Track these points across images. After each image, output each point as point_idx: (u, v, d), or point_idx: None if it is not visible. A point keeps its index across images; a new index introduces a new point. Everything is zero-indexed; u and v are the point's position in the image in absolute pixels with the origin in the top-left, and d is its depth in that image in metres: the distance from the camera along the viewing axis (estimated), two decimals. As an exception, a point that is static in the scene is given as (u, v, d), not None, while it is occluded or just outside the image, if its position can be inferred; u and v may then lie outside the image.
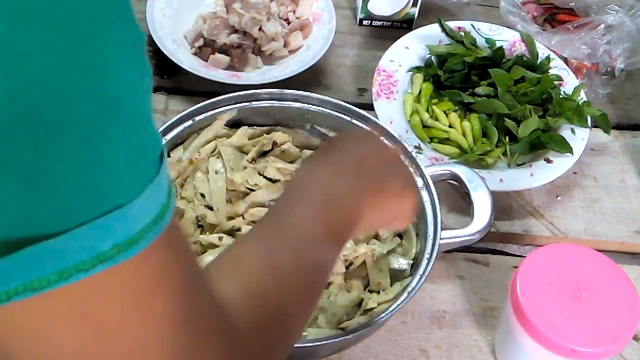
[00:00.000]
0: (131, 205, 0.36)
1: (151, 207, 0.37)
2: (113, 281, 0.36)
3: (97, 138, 0.34)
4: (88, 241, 0.35)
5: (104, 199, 0.35)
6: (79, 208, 0.35)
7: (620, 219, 1.00)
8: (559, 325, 0.73)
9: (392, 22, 1.19)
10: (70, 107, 0.33)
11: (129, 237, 0.36)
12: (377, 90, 1.02)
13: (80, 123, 0.33)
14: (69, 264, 0.35)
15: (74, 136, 0.33)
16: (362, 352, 0.84)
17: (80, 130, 0.33)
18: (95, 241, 0.35)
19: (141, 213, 0.37)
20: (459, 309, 0.89)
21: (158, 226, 0.38)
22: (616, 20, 1.10)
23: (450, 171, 0.89)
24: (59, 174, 0.33)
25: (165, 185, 0.39)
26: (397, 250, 0.86)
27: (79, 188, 0.34)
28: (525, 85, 1.02)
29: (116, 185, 0.36)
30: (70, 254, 0.35)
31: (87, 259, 0.35)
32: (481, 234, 0.84)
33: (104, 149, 0.35)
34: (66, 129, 0.33)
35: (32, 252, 0.34)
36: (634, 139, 1.09)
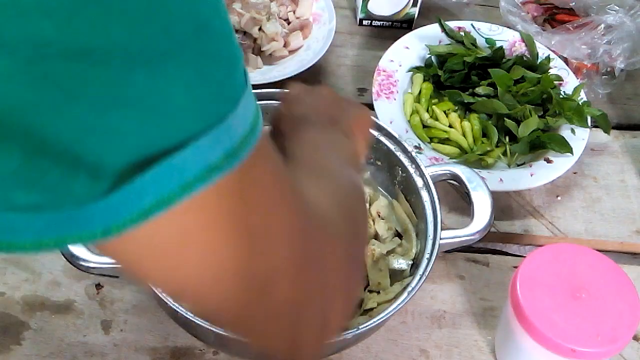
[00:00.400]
0: (233, 116, 0.39)
1: (246, 116, 0.40)
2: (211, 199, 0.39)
3: (199, 59, 0.37)
4: (202, 153, 0.37)
5: (210, 113, 0.38)
6: (191, 123, 0.37)
7: (620, 219, 1.00)
8: (559, 325, 0.73)
9: (392, 22, 1.19)
10: (175, 35, 0.35)
11: (233, 146, 0.39)
12: (377, 90, 1.03)
13: (185, 48, 0.36)
14: (191, 176, 0.37)
15: (181, 60, 0.36)
16: (362, 352, 0.84)
17: (185, 53, 0.36)
18: (207, 152, 0.37)
19: (240, 122, 0.40)
20: (459, 309, 0.89)
21: (255, 133, 0.41)
22: (616, 20, 1.10)
23: (450, 171, 0.89)
24: (173, 97, 0.36)
25: (252, 98, 0.42)
26: (397, 251, 0.86)
27: (189, 105, 0.37)
28: (525, 85, 1.02)
29: (218, 98, 0.38)
30: (189, 167, 0.37)
31: (204, 170, 0.37)
32: (481, 234, 0.84)
33: (205, 68, 0.37)
34: (174, 55, 0.35)
35: (159, 169, 0.36)
36: (634, 139, 1.09)
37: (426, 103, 1.04)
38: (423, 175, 0.87)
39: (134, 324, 0.84)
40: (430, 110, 1.03)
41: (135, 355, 0.82)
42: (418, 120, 1.02)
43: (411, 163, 0.88)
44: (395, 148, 0.90)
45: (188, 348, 0.82)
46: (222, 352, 0.82)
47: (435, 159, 0.96)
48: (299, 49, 1.11)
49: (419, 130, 1.00)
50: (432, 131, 1.01)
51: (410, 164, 0.88)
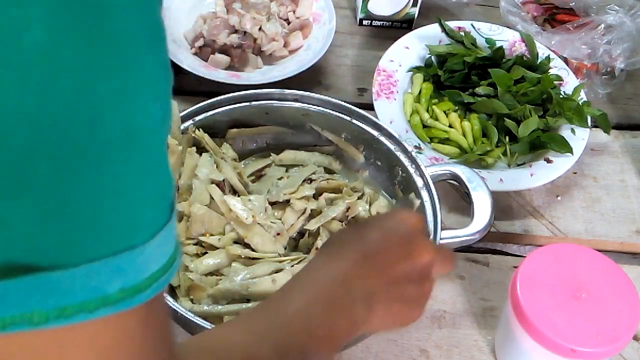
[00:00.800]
0: (144, 248, 0.34)
1: (161, 255, 0.36)
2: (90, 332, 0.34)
3: (120, 169, 0.33)
4: (96, 280, 0.33)
5: (119, 236, 0.33)
6: (92, 241, 0.33)
7: (620, 219, 1.00)
8: (559, 325, 0.73)
9: (392, 22, 1.19)
10: (98, 132, 0.31)
11: (138, 283, 0.34)
12: (377, 90, 1.03)
13: (105, 150, 0.32)
14: (74, 301, 0.32)
15: (98, 163, 0.32)
16: (362, 352, 0.84)
17: (104, 158, 0.32)
18: (103, 281, 0.33)
19: (151, 259, 0.35)
20: (459, 309, 0.89)
21: (165, 276, 0.36)
22: (616, 20, 1.10)
23: (450, 171, 0.88)
24: (77, 202, 0.32)
25: (174, 235, 0.37)
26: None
27: (95, 220, 0.32)
28: (525, 85, 1.02)
29: (132, 222, 0.34)
30: (76, 291, 0.32)
31: (92, 299, 0.33)
32: (481, 234, 0.84)
33: (125, 182, 0.33)
34: (91, 155, 0.31)
35: (35, 280, 0.31)
36: (634, 139, 1.09)
37: (426, 103, 1.04)
38: (423, 175, 0.87)
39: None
40: (430, 110, 1.03)
41: None
42: (418, 120, 1.02)
43: (411, 163, 0.88)
44: (395, 148, 0.90)
45: (188, 348, 0.82)
46: (222, 352, 0.82)
47: (435, 159, 0.96)
48: (299, 49, 1.11)
49: (419, 130, 1.00)
50: (432, 131, 1.01)
51: (410, 164, 0.88)
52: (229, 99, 0.91)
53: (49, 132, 0.30)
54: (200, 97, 0.94)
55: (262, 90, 0.92)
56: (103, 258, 0.33)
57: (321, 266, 0.58)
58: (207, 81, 1.03)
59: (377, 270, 0.59)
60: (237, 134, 0.94)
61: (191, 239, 0.83)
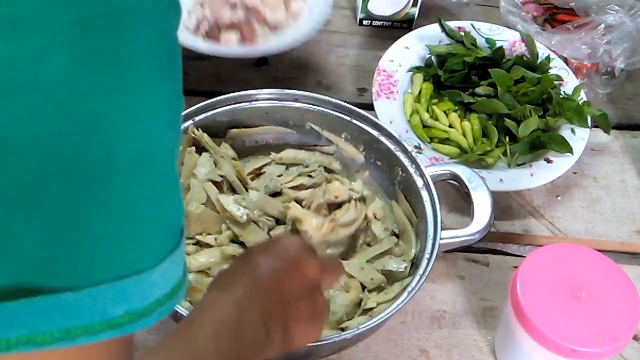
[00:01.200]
0: (150, 273, 0.34)
1: (167, 280, 0.36)
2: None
3: (131, 195, 0.33)
4: (102, 303, 0.33)
5: (126, 260, 0.34)
6: (100, 265, 0.33)
7: (620, 219, 1.00)
8: (559, 325, 0.73)
9: (392, 22, 1.19)
10: (111, 158, 0.32)
11: (144, 307, 0.34)
12: (377, 90, 1.02)
13: (118, 176, 0.32)
14: (79, 323, 0.33)
15: (109, 189, 0.32)
16: (362, 352, 0.84)
17: (116, 183, 0.32)
18: (109, 304, 0.33)
19: (157, 284, 0.35)
20: (459, 309, 0.89)
21: (172, 301, 0.36)
22: (616, 20, 1.10)
23: (450, 171, 0.88)
24: (87, 226, 0.32)
25: (182, 260, 0.37)
26: (394, 252, 0.86)
27: (105, 243, 0.33)
28: (525, 85, 1.02)
29: (141, 247, 0.34)
30: (81, 313, 0.33)
31: (97, 322, 0.33)
32: (481, 234, 0.84)
33: (135, 207, 0.33)
34: (103, 180, 0.32)
35: (42, 302, 0.32)
36: (634, 139, 1.09)
37: (426, 103, 1.04)
38: (423, 175, 0.87)
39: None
40: (430, 110, 1.03)
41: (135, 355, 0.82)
42: (418, 120, 1.02)
43: (411, 163, 0.88)
44: (395, 148, 0.90)
45: (188, 348, 0.82)
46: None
47: (435, 159, 0.96)
48: (301, 15, 1.09)
49: (419, 130, 1.00)
50: (432, 131, 1.01)
51: (410, 164, 0.88)
52: (229, 99, 0.91)
53: (63, 158, 0.30)
54: (200, 97, 0.94)
55: (262, 90, 0.92)
56: (110, 282, 0.33)
57: (217, 298, 0.58)
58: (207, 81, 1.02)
59: (268, 293, 0.59)
60: (237, 134, 0.94)
61: (189, 238, 0.83)
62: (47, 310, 0.32)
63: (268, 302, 0.59)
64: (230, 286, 0.59)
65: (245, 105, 0.92)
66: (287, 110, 0.93)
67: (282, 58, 1.14)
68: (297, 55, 1.14)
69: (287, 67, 1.13)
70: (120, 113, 0.32)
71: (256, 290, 0.59)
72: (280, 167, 0.93)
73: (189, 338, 0.53)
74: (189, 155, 0.87)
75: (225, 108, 0.91)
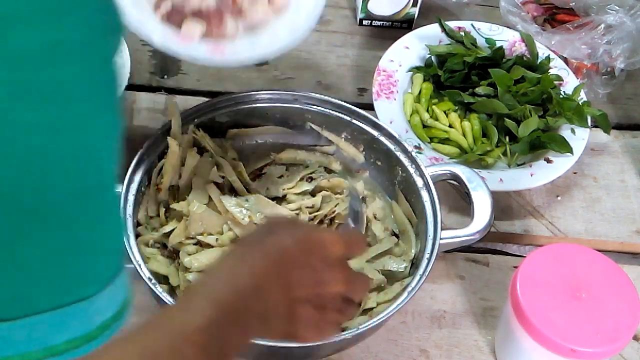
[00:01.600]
0: (94, 299, 0.34)
1: (112, 303, 0.36)
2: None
3: (72, 226, 0.33)
4: (41, 332, 0.33)
5: (67, 289, 0.33)
6: (38, 296, 0.32)
7: (620, 219, 1.00)
8: (559, 325, 0.73)
9: (392, 22, 1.19)
10: (52, 191, 0.31)
11: (87, 333, 0.34)
12: (377, 90, 1.02)
13: (58, 209, 0.32)
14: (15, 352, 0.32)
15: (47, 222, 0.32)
16: (362, 352, 0.84)
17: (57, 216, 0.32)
18: (48, 333, 0.33)
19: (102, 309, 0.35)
20: (459, 309, 0.89)
21: (117, 322, 0.36)
22: (616, 20, 1.09)
23: (450, 171, 0.89)
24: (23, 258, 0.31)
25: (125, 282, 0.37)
26: (394, 251, 0.86)
27: (43, 274, 0.32)
28: (525, 85, 1.02)
29: (82, 275, 0.34)
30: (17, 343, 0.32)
31: (36, 350, 0.33)
32: (481, 234, 0.84)
33: (76, 238, 0.33)
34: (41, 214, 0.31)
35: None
36: (634, 139, 1.09)
37: (426, 103, 1.04)
38: (423, 175, 0.87)
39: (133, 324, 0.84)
40: (430, 110, 1.03)
41: None
42: (418, 120, 1.02)
43: (411, 163, 0.88)
44: (395, 148, 0.90)
45: (188, 348, 0.82)
46: (222, 352, 0.82)
47: (435, 159, 0.96)
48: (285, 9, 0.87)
49: (419, 130, 1.00)
50: (432, 131, 1.01)
51: (410, 164, 0.88)
52: (229, 99, 0.91)
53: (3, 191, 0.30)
54: (200, 97, 0.94)
55: (262, 90, 0.92)
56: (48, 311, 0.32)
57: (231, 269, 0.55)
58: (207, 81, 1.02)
59: (284, 287, 0.56)
60: (237, 134, 0.94)
61: (190, 239, 0.83)
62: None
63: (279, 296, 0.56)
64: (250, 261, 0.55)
65: (245, 105, 0.92)
66: (287, 110, 0.93)
67: (282, 58, 1.13)
68: (297, 55, 1.14)
69: (287, 67, 1.12)
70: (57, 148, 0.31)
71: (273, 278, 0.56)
72: (281, 167, 0.93)
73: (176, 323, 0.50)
74: (190, 156, 0.88)
75: (225, 108, 0.91)
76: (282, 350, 0.76)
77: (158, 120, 1.01)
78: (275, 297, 0.55)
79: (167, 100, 1.05)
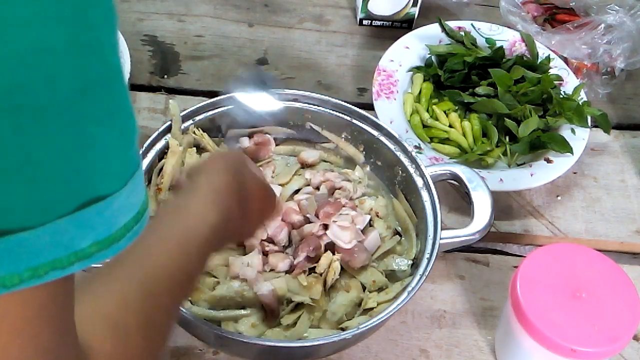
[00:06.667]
0: (114, 198, 0.34)
1: (132, 205, 0.35)
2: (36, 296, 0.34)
3: (83, 121, 0.32)
4: (66, 236, 0.32)
5: (85, 189, 0.33)
6: (59, 199, 0.32)
7: (620, 219, 1.00)
8: (559, 325, 0.73)
9: (392, 22, 1.19)
10: (58, 87, 0.31)
11: (112, 234, 0.34)
12: (377, 90, 1.02)
13: (68, 105, 0.31)
14: (45, 260, 0.32)
15: (58, 119, 0.31)
16: (362, 352, 0.84)
17: (65, 113, 0.31)
18: (74, 237, 0.33)
19: (122, 209, 0.35)
20: (459, 309, 0.89)
21: (139, 224, 0.36)
22: (616, 20, 1.09)
23: (450, 171, 0.89)
24: (41, 160, 0.31)
25: (143, 182, 0.37)
26: (397, 250, 0.86)
27: (60, 176, 0.32)
28: (525, 85, 1.02)
29: (99, 174, 0.33)
30: (46, 249, 0.32)
31: (64, 256, 0.33)
32: (481, 234, 0.84)
33: (89, 133, 0.33)
34: (51, 111, 0.31)
35: (4, 245, 0.31)
36: (634, 139, 1.09)
37: (426, 103, 1.04)
38: (423, 175, 0.87)
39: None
40: (430, 110, 1.03)
41: None
42: (418, 120, 1.02)
43: (411, 163, 0.88)
44: (395, 148, 0.90)
45: (188, 348, 0.82)
46: (222, 352, 0.82)
47: (435, 159, 0.96)
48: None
49: (419, 130, 1.00)
50: (432, 131, 1.01)
51: (410, 164, 0.88)
52: (229, 98, 0.91)
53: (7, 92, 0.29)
54: (200, 97, 0.94)
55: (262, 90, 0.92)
56: (71, 214, 0.32)
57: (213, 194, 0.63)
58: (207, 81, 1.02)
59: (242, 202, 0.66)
60: (237, 134, 0.94)
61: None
62: (11, 252, 0.31)
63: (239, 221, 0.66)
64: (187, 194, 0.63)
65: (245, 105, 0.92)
66: (287, 110, 0.93)
67: (282, 58, 1.14)
68: (297, 55, 1.14)
69: (287, 67, 1.13)
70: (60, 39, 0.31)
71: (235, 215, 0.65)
72: (280, 161, 0.93)
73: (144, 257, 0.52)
74: (190, 156, 0.88)
75: (225, 108, 0.91)
76: (282, 350, 0.76)
77: (158, 120, 1.01)
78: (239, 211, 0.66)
79: (167, 100, 1.05)
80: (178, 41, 1.14)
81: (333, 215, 0.84)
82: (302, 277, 0.80)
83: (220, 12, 1.19)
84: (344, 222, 0.83)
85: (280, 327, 0.79)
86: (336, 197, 0.87)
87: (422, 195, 0.86)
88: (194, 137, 0.89)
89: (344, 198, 0.87)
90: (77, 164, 0.32)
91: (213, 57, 1.12)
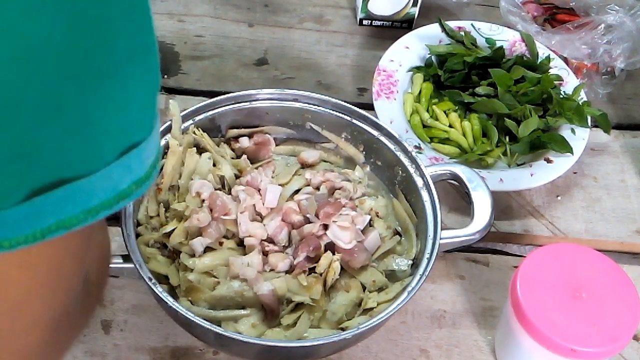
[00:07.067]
0: (146, 143, 0.38)
1: (155, 146, 0.40)
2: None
3: (130, 81, 0.36)
4: (112, 180, 0.37)
5: (127, 139, 0.37)
6: (108, 149, 0.36)
7: (620, 219, 1.00)
8: (559, 325, 0.73)
9: (392, 22, 1.19)
10: (115, 52, 0.35)
11: (144, 174, 0.39)
12: (377, 90, 1.03)
13: (121, 67, 0.35)
14: (97, 202, 0.37)
15: (112, 80, 0.35)
16: (362, 352, 0.84)
17: (117, 74, 0.35)
18: (117, 179, 0.37)
19: (149, 150, 0.39)
20: (459, 309, 0.89)
21: (159, 163, 0.40)
22: (616, 20, 1.10)
23: (450, 171, 0.88)
24: (98, 117, 0.35)
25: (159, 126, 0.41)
26: (397, 250, 0.86)
27: (110, 129, 0.36)
28: (526, 85, 1.02)
29: (137, 124, 0.38)
30: (98, 193, 0.36)
31: (112, 197, 0.37)
32: (481, 234, 0.84)
33: (133, 91, 0.37)
34: (107, 73, 0.35)
35: (65, 191, 0.35)
36: (634, 139, 1.09)
37: (426, 103, 1.04)
38: (423, 175, 0.87)
39: (134, 324, 0.84)
40: (430, 110, 1.03)
41: (135, 355, 0.82)
42: (418, 120, 1.02)
43: (411, 163, 0.88)
44: (395, 148, 0.90)
45: (188, 348, 0.82)
46: (222, 352, 0.82)
47: (435, 159, 0.96)
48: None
49: (419, 130, 1.00)
50: (432, 131, 1.01)
51: (410, 164, 0.88)
52: (229, 98, 0.91)
53: (73, 58, 0.33)
54: (200, 97, 0.94)
55: (262, 90, 0.92)
56: (116, 160, 0.37)
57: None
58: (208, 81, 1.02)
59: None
60: (236, 134, 0.94)
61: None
62: (70, 197, 0.36)
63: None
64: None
65: (245, 105, 0.92)
66: (287, 110, 0.93)
67: (282, 58, 1.14)
68: (297, 55, 1.14)
69: (287, 67, 1.13)
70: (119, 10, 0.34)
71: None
72: (280, 161, 0.93)
73: None
74: (190, 156, 0.88)
75: (225, 108, 0.91)
76: (282, 350, 0.76)
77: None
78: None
79: (167, 100, 1.05)
80: (178, 41, 1.14)
81: (333, 215, 0.84)
82: (302, 277, 0.80)
83: (220, 12, 1.19)
84: (344, 222, 0.83)
85: (280, 327, 0.79)
86: (336, 197, 0.87)
87: (422, 195, 0.86)
88: (194, 137, 0.89)
89: (344, 198, 0.87)
90: (124, 118, 0.37)
91: (213, 57, 1.12)
